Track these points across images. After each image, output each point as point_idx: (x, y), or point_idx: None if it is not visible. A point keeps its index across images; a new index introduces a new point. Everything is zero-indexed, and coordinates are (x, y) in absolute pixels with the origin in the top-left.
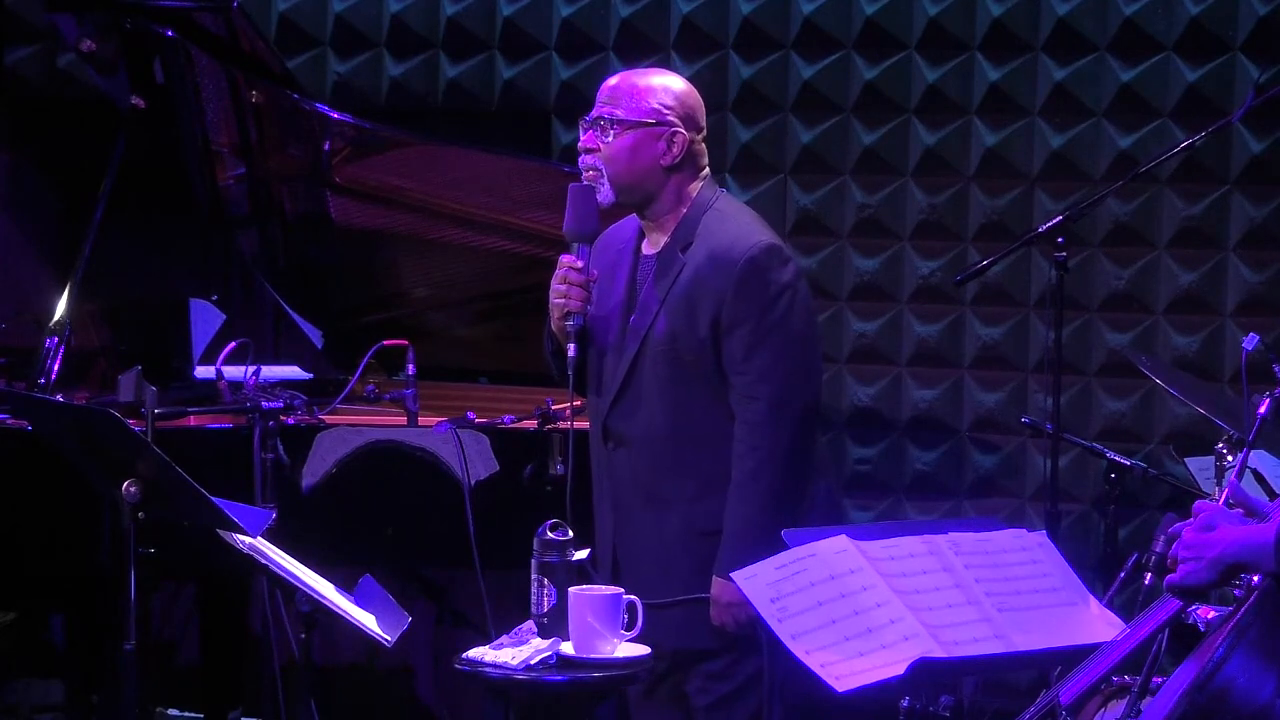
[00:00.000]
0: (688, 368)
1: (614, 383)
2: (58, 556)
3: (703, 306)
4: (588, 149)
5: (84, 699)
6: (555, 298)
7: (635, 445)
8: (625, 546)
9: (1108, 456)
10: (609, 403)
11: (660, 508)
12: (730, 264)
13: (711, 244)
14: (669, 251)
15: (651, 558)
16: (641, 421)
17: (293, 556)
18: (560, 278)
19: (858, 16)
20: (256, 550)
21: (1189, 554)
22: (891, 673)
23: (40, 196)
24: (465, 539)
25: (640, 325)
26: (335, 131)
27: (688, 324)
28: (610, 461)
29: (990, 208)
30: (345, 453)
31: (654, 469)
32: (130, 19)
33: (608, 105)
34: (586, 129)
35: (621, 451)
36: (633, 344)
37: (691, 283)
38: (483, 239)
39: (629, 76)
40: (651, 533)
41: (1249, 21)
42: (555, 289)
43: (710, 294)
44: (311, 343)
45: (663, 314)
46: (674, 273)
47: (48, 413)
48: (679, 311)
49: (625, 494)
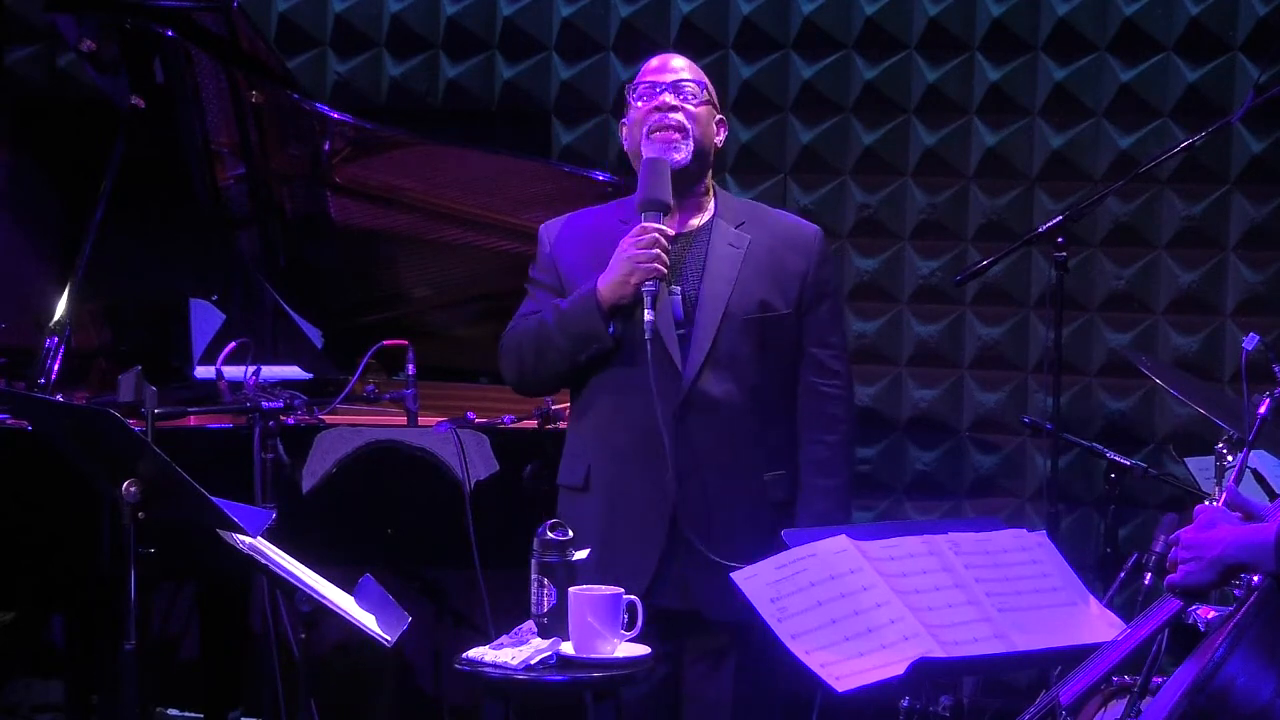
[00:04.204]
0: (770, 339)
1: (700, 349)
2: (58, 556)
3: (787, 281)
4: (670, 107)
5: (84, 699)
6: (645, 262)
7: (718, 413)
8: (691, 514)
9: (1108, 456)
10: (696, 368)
11: (734, 476)
12: (806, 243)
13: (770, 224)
14: (720, 228)
15: (721, 526)
16: (724, 389)
17: (293, 556)
18: (650, 243)
19: (858, 16)
20: (256, 550)
21: (1189, 554)
22: (891, 673)
23: (40, 196)
24: (465, 539)
25: (719, 294)
26: (335, 131)
27: (779, 296)
28: (681, 429)
29: (990, 208)
30: (345, 453)
31: (733, 437)
32: (130, 19)
33: (685, 74)
34: (661, 91)
35: (698, 419)
36: (714, 310)
37: (769, 256)
38: (483, 239)
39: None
40: (720, 500)
41: (1249, 21)
42: (646, 254)
43: (791, 270)
44: (311, 343)
45: (741, 285)
46: (741, 246)
47: (48, 413)
48: (763, 283)
49: (699, 461)
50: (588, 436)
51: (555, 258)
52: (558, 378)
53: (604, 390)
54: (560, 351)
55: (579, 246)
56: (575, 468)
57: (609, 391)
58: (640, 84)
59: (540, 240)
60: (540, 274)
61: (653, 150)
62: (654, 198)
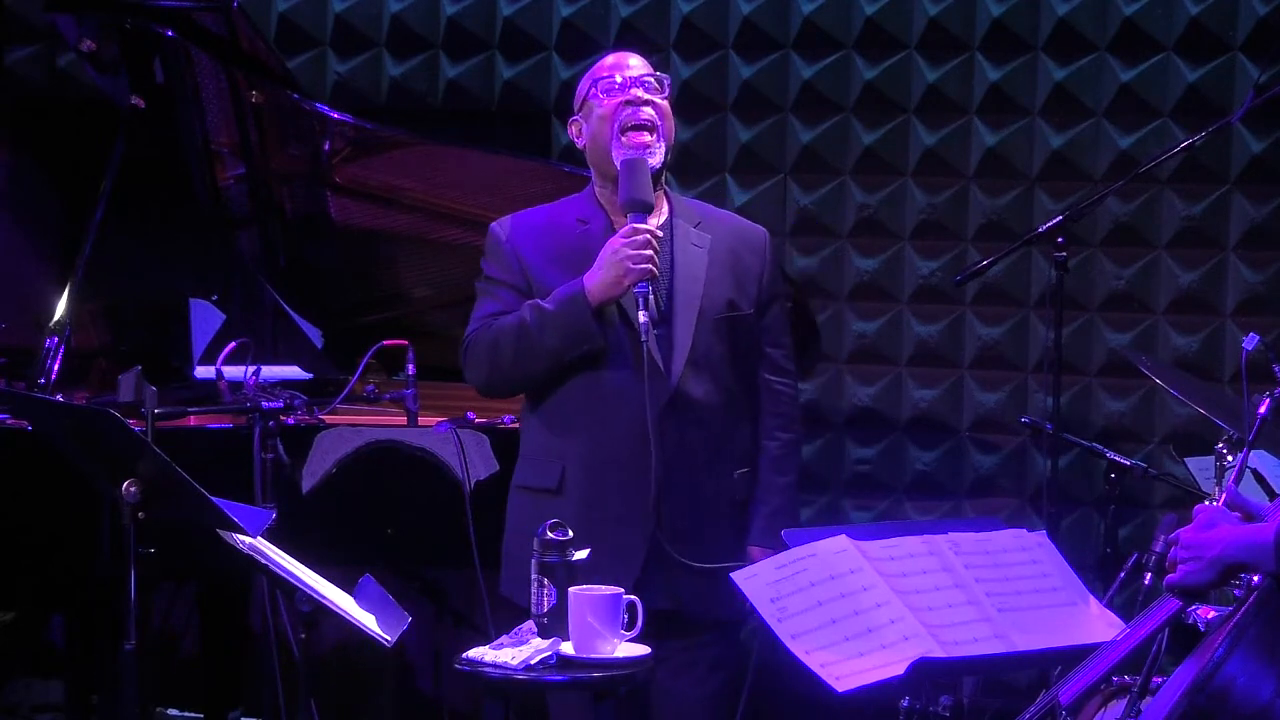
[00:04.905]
0: (738, 338)
1: (681, 349)
2: (58, 556)
3: (747, 281)
4: (642, 101)
5: (84, 699)
6: (639, 264)
7: (698, 413)
8: (672, 514)
9: (1108, 456)
10: (681, 367)
11: (712, 476)
12: (759, 244)
13: (725, 224)
14: (680, 227)
15: (698, 525)
16: (703, 389)
17: (293, 556)
18: (643, 243)
19: (858, 16)
20: (256, 550)
21: (1188, 554)
22: (891, 673)
23: (40, 196)
24: (465, 539)
25: (693, 293)
26: (335, 131)
27: (742, 296)
28: (661, 428)
29: (990, 208)
30: (345, 453)
31: (709, 437)
32: (130, 19)
33: (647, 70)
34: (630, 86)
35: (679, 419)
36: (689, 310)
37: (729, 256)
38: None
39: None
40: (698, 500)
41: (1249, 21)
42: (639, 254)
43: (748, 270)
44: (311, 343)
45: (709, 285)
46: (704, 246)
47: (48, 413)
48: (727, 283)
49: (679, 462)
50: (562, 438)
51: (519, 256)
52: (533, 379)
53: (581, 391)
54: (547, 352)
55: (538, 245)
56: (546, 470)
57: (587, 393)
58: (604, 79)
59: (495, 238)
60: (501, 273)
61: (627, 152)
62: (639, 198)
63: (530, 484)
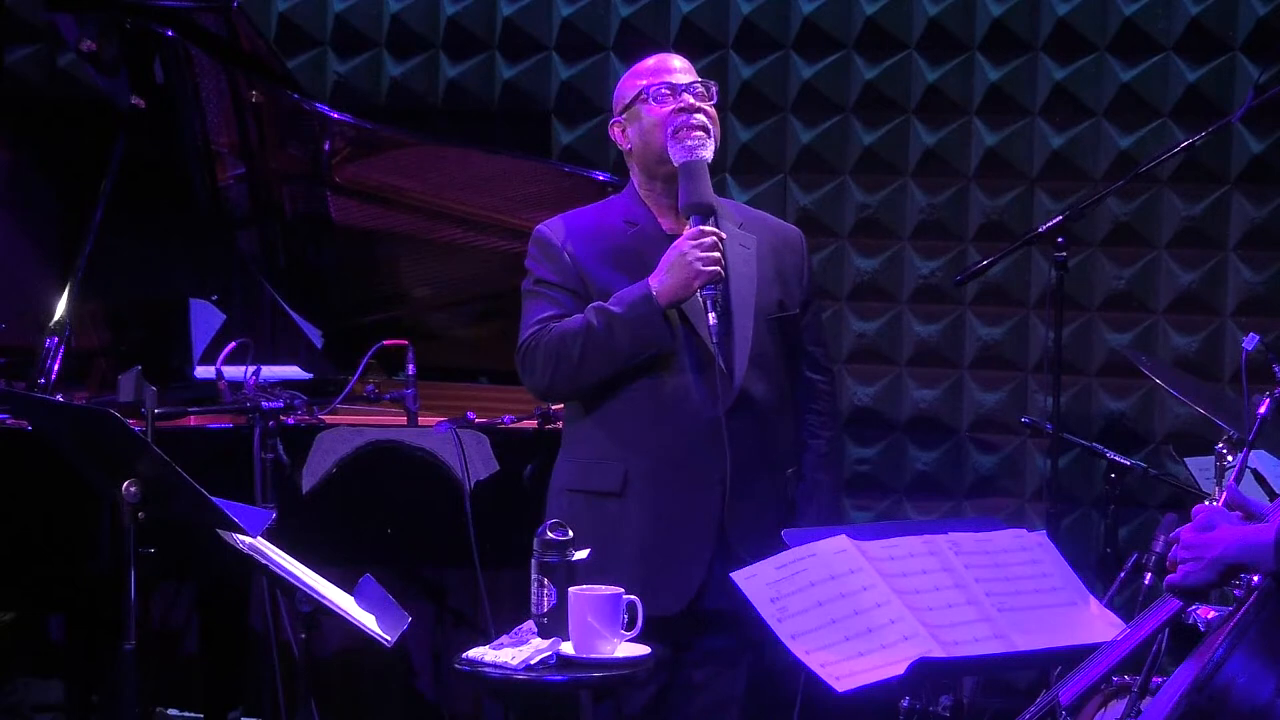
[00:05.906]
0: (787, 337)
1: (742, 350)
2: (58, 556)
3: (791, 281)
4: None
5: (84, 699)
6: (708, 265)
7: (759, 413)
8: (738, 517)
9: (1108, 456)
10: (744, 367)
11: (767, 475)
12: (797, 244)
13: (765, 225)
14: (728, 229)
15: (758, 524)
16: (763, 389)
17: (293, 556)
18: (710, 245)
19: (858, 16)
20: (256, 550)
21: (1189, 554)
22: (891, 673)
23: (40, 196)
24: (465, 539)
25: (748, 293)
26: (335, 131)
27: (788, 295)
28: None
29: (990, 208)
30: (345, 453)
31: (767, 436)
32: (130, 19)
33: (694, 76)
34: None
35: (743, 419)
36: (746, 310)
37: (774, 257)
38: (483, 239)
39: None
40: (757, 499)
41: (1249, 21)
42: (708, 257)
43: (790, 270)
44: (311, 343)
45: (761, 284)
46: (751, 247)
47: (48, 413)
48: (775, 282)
49: (742, 463)
50: (623, 441)
51: (574, 258)
52: (594, 382)
53: (643, 394)
54: (617, 355)
55: (591, 247)
56: (606, 473)
57: (650, 395)
58: (656, 85)
59: (547, 242)
60: (556, 275)
61: (683, 153)
62: (701, 201)
63: (585, 487)
